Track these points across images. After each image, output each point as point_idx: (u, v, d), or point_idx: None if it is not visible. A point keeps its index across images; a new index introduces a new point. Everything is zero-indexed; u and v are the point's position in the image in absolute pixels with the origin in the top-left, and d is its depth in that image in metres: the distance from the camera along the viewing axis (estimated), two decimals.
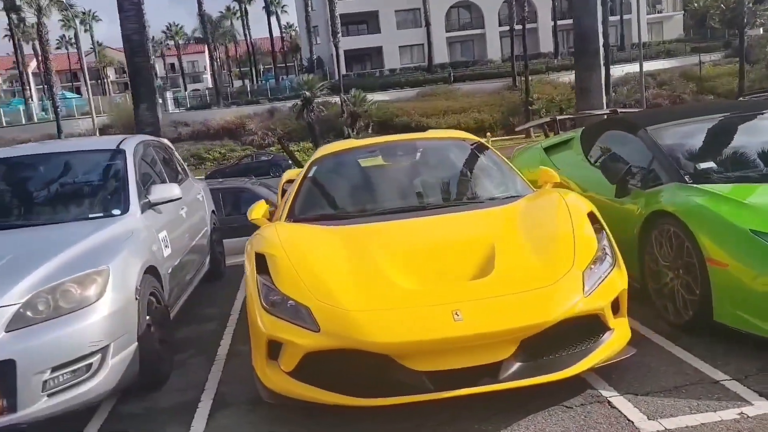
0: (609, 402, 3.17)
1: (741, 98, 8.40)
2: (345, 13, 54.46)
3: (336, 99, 32.10)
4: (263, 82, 55.76)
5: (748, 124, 4.78)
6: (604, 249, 3.46)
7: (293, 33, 74.22)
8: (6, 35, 52.63)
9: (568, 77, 48.15)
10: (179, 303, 4.78)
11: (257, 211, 4.39)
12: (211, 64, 53.78)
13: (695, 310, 3.70)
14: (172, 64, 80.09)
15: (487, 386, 2.96)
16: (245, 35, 65.28)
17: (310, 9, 51.58)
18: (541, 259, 3.33)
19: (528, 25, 55.29)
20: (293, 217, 4.27)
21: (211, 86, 54.48)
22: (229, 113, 45.76)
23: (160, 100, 48.79)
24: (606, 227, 3.64)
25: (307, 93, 26.68)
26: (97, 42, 69.88)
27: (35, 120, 46.03)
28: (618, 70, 47.25)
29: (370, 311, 3.07)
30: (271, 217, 4.57)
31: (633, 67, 40.45)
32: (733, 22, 48.02)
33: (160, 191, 4.54)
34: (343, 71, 54.68)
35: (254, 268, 3.49)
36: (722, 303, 3.54)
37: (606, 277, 3.28)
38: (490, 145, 4.98)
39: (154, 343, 3.77)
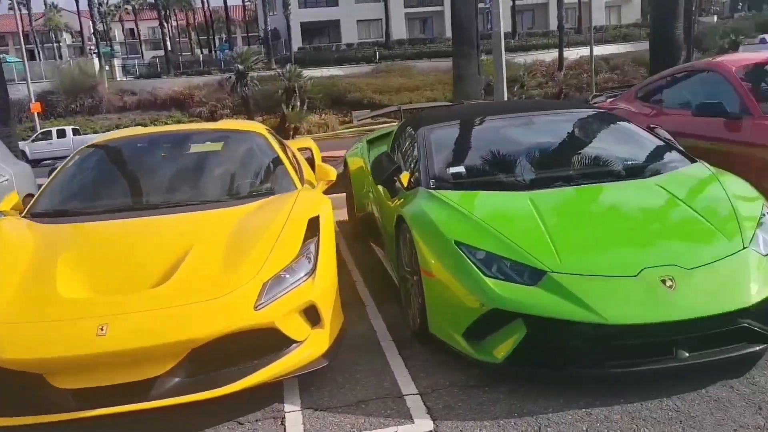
0: (283, 418, 3.07)
1: (594, 95, 8.33)
2: None
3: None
4: (217, 52, 54.52)
5: (534, 126, 4.69)
6: (309, 257, 3.34)
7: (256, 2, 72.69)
8: None
9: (524, 58, 48.38)
10: None
11: (6, 202, 4.18)
12: (162, 32, 52.22)
13: (420, 319, 3.63)
14: (132, 30, 77.86)
15: (136, 404, 2.83)
16: (203, 2, 63.74)
17: None
18: (228, 268, 3.19)
19: (486, 4, 55.25)
20: (33, 210, 4.07)
21: (169, 53, 52.94)
22: (178, 83, 44.66)
23: (107, 67, 47.62)
24: (322, 235, 3.51)
25: (240, 66, 26.05)
26: (52, 4, 67.46)
27: None
28: (573, 53, 47.46)
29: (15, 324, 2.91)
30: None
31: (588, 51, 40.51)
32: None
33: None
34: (299, 44, 53.98)
35: None
36: (433, 314, 3.46)
37: (294, 287, 3.16)
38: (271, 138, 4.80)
39: None
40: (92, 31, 48.47)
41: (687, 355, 2.99)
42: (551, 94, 36.51)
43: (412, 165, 4.46)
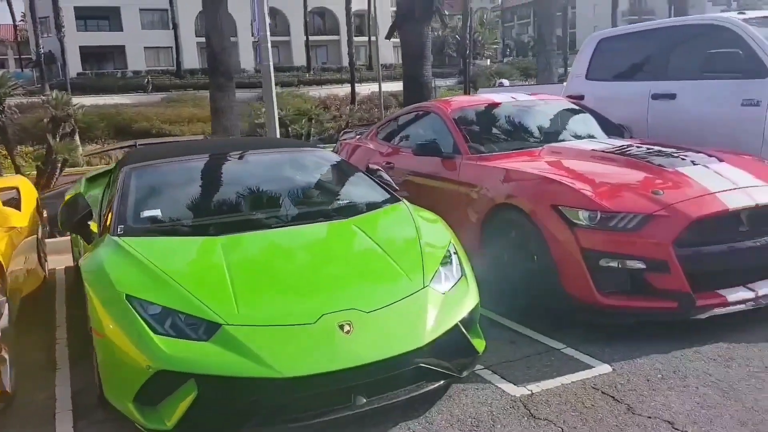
0: None
1: (344, 131, 8.56)
2: (83, 6, 50.19)
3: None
4: None
5: (247, 165, 4.55)
6: None
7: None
8: None
9: (318, 92, 49.49)
10: None
11: None
12: None
13: (99, 384, 3.23)
14: None
15: None
16: None
17: None
18: None
19: (281, 38, 56.00)
20: None
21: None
22: None
23: None
24: None
25: None
26: None
27: None
28: (365, 89, 49.48)
29: None
30: None
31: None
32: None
33: None
34: (79, 69, 50.26)
35: None
36: (106, 379, 3.11)
37: None
38: None
39: None
40: None
41: (365, 401, 2.94)
42: (343, 127, 37.51)
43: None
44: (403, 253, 3.56)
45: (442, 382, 3.17)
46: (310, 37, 54.82)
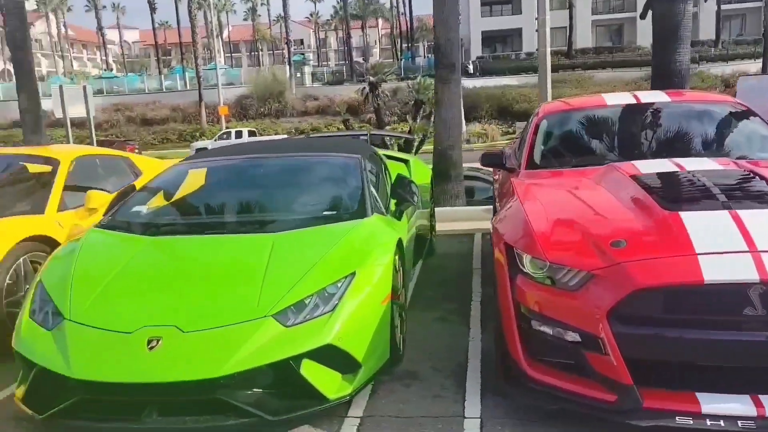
0: None
1: None
2: None
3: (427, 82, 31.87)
4: (400, 60, 56.44)
5: (268, 169, 4.71)
6: None
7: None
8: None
9: (722, 69, 43.56)
10: None
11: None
12: (348, 41, 55.49)
13: None
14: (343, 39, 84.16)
15: None
16: (404, 11, 66.30)
17: None
18: None
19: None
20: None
21: (354, 62, 56.26)
22: (354, 90, 47.31)
23: (298, 74, 51.64)
24: None
25: (372, 78, 26.96)
26: (280, 16, 74.23)
27: (188, 88, 50.87)
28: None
29: None
30: None
31: None
32: None
33: None
34: (479, 53, 54.11)
35: None
36: None
37: None
38: None
39: None
40: (285, 40, 53.04)
41: (154, 418, 3.00)
42: None
43: None
44: (282, 277, 3.36)
45: (237, 420, 2.98)
46: (723, 6, 48.38)
